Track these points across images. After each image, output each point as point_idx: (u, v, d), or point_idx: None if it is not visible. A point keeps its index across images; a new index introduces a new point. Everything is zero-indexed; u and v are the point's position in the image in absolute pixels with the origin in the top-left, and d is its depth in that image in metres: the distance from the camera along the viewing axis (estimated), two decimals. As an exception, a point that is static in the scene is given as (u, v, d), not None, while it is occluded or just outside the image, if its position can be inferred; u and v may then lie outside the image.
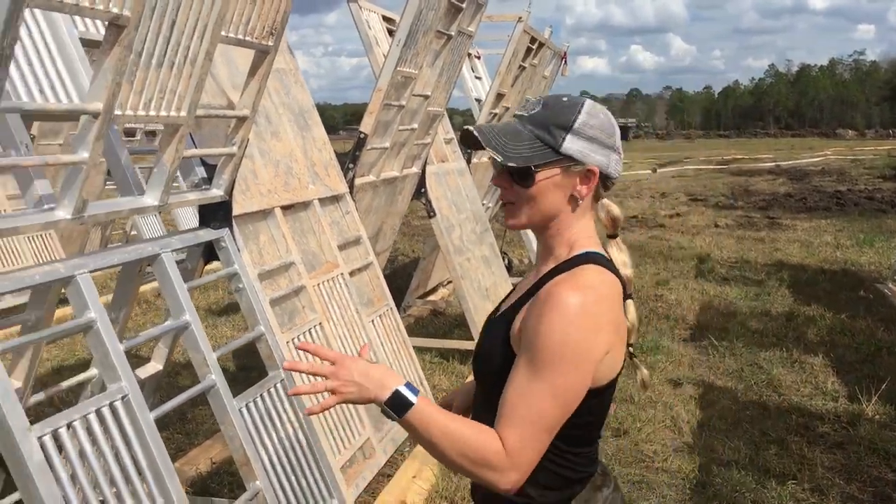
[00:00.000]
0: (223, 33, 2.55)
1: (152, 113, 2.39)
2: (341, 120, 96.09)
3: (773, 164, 30.37)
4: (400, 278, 8.49)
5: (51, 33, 2.68)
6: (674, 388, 5.33)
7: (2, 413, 1.92)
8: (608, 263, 1.56)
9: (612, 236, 1.63)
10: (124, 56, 2.14)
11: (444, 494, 3.78)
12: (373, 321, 4.16)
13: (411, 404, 1.45)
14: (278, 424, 3.02)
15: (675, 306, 7.59)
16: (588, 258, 1.54)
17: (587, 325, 1.43)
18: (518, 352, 1.49)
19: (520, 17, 7.00)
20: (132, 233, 9.93)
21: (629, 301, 1.59)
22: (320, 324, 3.62)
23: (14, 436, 1.94)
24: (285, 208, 3.68)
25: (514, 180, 1.55)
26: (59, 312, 3.17)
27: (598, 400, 1.53)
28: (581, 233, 1.58)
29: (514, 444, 1.42)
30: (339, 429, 3.53)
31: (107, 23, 2.09)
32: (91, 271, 2.34)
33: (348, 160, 4.50)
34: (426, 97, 5.22)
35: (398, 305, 7.59)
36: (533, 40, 7.64)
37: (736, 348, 6.13)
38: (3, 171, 2.25)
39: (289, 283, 3.54)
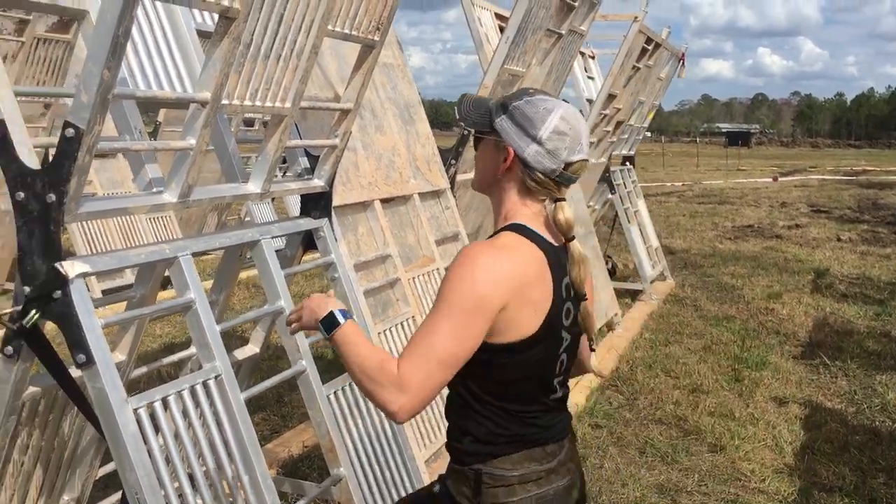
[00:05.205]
0: (330, 27, 2.61)
1: (258, 103, 2.46)
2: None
3: (907, 177, 28.61)
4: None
5: (170, 25, 2.81)
6: (778, 406, 5.11)
7: (101, 383, 2.03)
8: (531, 234, 1.68)
9: (568, 239, 1.71)
10: (233, 47, 2.21)
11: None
12: (467, 318, 4.16)
13: (339, 324, 1.66)
14: (365, 414, 3.07)
15: (787, 321, 7.26)
16: (512, 227, 1.70)
17: (482, 278, 1.58)
18: None
19: (635, 17, 6.85)
20: (246, 219, 10.35)
21: (583, 303, 1.72)
22: (413, 317, 3.65)
23: (112, 406, 2.05)
24: (385, 201, 3.73)
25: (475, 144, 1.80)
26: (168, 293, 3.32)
27: (510, 360, 1.64)
28: (518, 209, 1.73)
29: (405, 368, 1.55)
30: (425, 423, 3.56)
31: (217, 15, 2.18)
32: (193, 254, 2.44)
33: (451, 156, 4.52)
34: (534, 96, 5.18)
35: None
36: (649, 41, 7.47)
37: (850, 369, 5.81)
38: (116, 153, 2.37)
39: (384, 275, 3.59)
